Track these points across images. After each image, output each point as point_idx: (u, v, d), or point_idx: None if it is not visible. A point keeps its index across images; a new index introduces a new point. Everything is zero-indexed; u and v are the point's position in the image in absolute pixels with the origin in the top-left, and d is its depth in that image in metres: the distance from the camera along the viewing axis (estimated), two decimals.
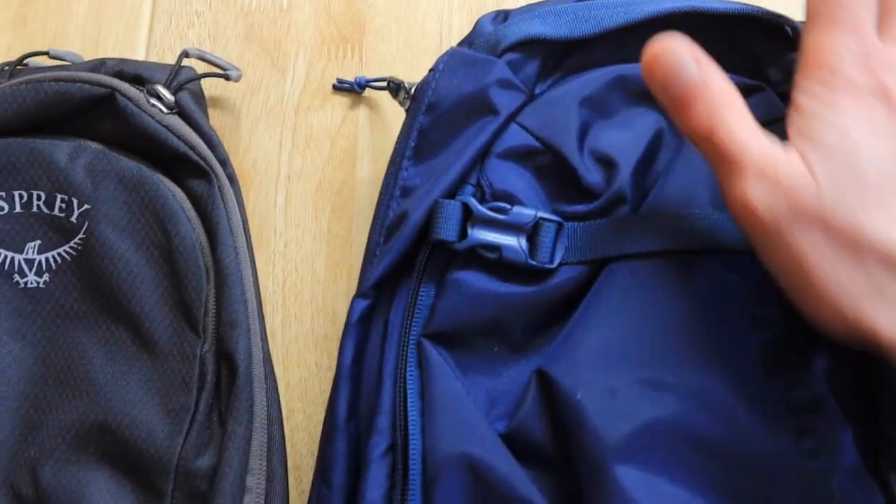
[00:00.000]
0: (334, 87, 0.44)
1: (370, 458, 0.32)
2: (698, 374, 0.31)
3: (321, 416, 0.34)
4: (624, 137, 0.35)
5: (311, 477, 0.34)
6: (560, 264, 0.33)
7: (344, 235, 0.41)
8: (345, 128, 0.43)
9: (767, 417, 0.31)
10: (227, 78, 0.40)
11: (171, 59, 0.40)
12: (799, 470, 0.30)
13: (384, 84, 0.40)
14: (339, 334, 0.34)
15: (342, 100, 0.43)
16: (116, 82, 0.37)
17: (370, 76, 0.43)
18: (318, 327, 0.40)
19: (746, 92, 0.34)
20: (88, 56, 0.42)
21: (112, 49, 0.45)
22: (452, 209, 0.33)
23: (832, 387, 0.31)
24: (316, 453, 0.34)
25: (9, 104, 0.36)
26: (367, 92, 0.43)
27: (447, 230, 0.33)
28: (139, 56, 0.44)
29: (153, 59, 0.44)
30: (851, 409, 0.31)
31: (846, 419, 0.31)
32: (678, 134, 0.35)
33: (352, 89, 0.43)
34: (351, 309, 0.34)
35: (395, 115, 0.43)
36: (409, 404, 0.32)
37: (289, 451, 0.37)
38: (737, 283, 0.32)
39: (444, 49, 0.37)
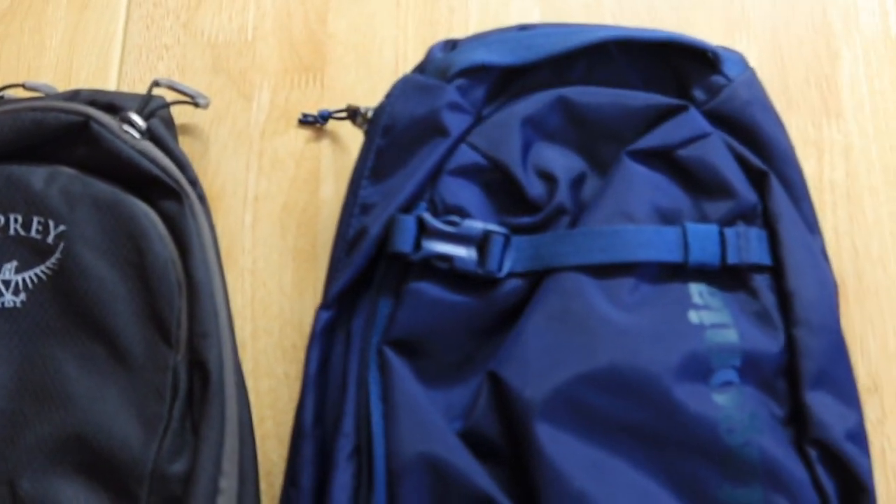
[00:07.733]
0: (300, 121, 0.46)
1: (337, 461, 0.34)
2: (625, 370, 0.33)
3: (291, 423, 0.36)
4: (561, 154, 0.38)
5: (281, 481, 0.36)
6: (508, 275, 0.36)
7: (309, 251, 0.44)
8: (308, 151, 0.46)
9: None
10: (196, 105, 0.43)
11: (142, 90, 0.42)
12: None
13: (345, 114, 0.43)
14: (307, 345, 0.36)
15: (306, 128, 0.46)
16: (90, 110, 0.39)
17: (331, 102, 0.46)
18: (286, 339, 0.42)
19: (674, 111, 0.38)
20: (62, 88, 0.45)
21: (84, 81, 0.47)
22: (408, 223, 0.36)
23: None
24: (286, 458, 0.36)
25: None
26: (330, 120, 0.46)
27: (403, 242, 0.36)
28: (111, 88, 0.47)
29: (125, 90, 0.46)
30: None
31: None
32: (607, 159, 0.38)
33: (315, 122, 0.46)
34: (315, 320, 0.36)
35: (354, 139, 0.45)
36: (371, 407, 0.35)
37: (260, 457, 0.39)
38: (668, 290, 0.35)
39: (401, 75, 0.40)
